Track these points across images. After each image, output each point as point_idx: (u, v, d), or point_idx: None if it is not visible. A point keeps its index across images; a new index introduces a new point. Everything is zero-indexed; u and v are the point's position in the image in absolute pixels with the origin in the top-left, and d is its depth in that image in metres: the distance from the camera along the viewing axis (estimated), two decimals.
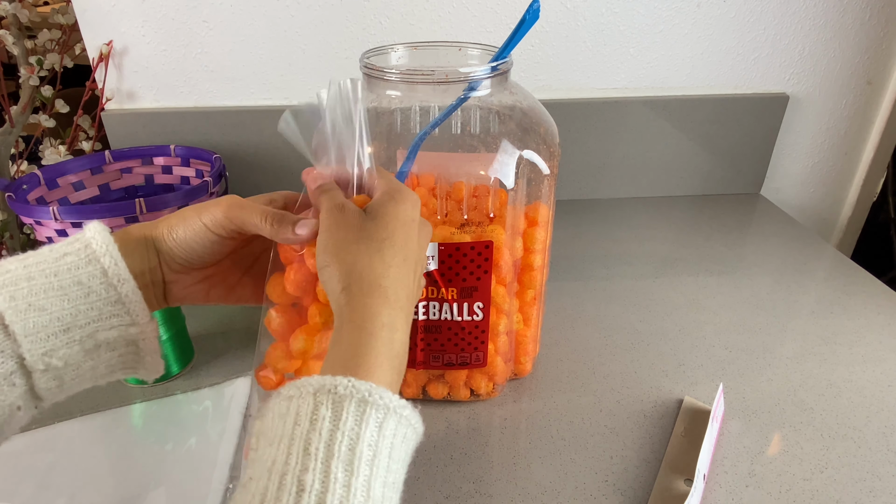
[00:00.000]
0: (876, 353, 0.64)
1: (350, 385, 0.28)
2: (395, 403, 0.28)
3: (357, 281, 0.32)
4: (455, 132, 0.49)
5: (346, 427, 0.27)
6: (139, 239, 0.36)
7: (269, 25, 0.85)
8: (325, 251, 0.34)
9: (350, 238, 0.34)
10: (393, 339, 0.32)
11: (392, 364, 0.31)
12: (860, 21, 0.89)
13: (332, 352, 0.31)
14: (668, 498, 0.48)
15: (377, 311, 0.32)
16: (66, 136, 0.97)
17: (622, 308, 0.72)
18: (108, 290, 0.33)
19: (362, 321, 0.31)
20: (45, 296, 0.32)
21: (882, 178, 1.02)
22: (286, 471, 0.25)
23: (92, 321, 0.33)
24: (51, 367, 0.32)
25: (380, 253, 0.33)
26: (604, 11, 0.86)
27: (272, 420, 0.28)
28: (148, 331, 0.35)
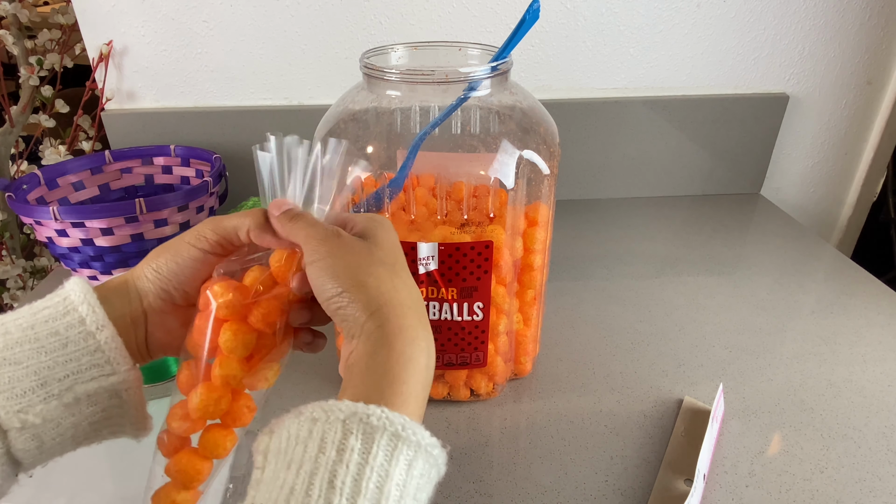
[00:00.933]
0: (876, 353, 0.64)
1: (384, 416, 0.26)
2: (426, 441, 0.27)
3: (389, 304, 0.31)
4: (455, 132, 0.49)
5: (376, 462, 0.25)
6: (119, 284, 0.35)
7: (269, 25, 0.85)
8: (332, 277, 0.31)
9: (363, 262, 0.32)
10: (429, 366, 0.31)
11: (424, 395, 0.30)
12: (860, 21, 0.89)
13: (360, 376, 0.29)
14: (668, 498, 0.48)
15: (416, 335, 0.30)
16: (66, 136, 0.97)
17: (622, 308, 0.72)
18: (87, 339, 0.31)
19: (402, 346, 0.30)
20: (21, 349, 0.30)
21: (882, 178, 1.02)
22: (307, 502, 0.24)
23: (70, 373, 0.31)
24: (27, 425, 0.29)
25: (398, 276, 0.32)
26: (604, 11, 0.86)
27: (289, 441, 0.26)
28: (130, 380, 0.33)
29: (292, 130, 0.99)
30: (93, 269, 0.73)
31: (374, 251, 0.33)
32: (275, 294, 0.34)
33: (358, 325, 0.31)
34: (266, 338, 0.34)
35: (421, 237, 0.49)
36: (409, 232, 0.49)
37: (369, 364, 0.29)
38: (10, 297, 1.06)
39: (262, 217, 0.35)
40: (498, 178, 0.47)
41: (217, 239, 0.35)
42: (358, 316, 0.31)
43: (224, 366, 0.34)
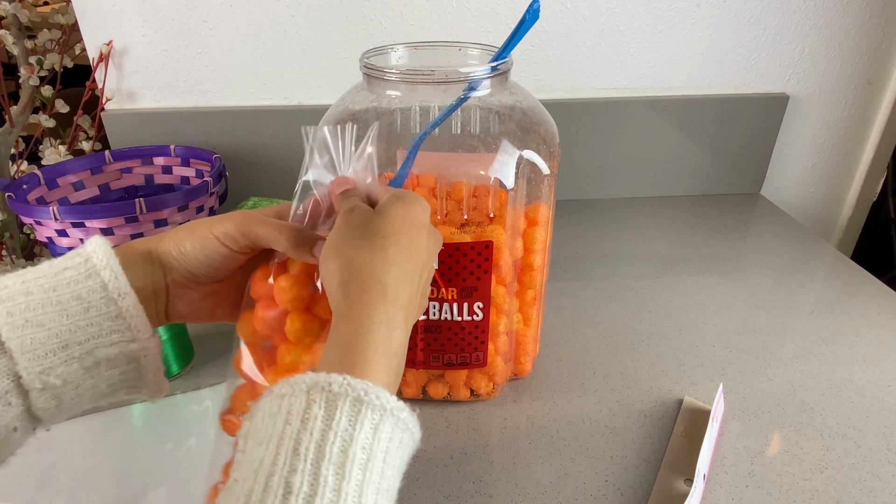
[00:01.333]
0: (876, 353, 0.64)
1: (345, 383, 0.26)
2: (392, 405, 0.27)
3: (356, 276, 0.31)
4: (455, 132, 0.49)
5: (339, 427, 0.25)
6: (142, 252, 0.35)
7: (269, 25, 0.85)
8: (328, 246, 0.33)
9: (354, 235, 0.33)
10: (391, 337, 0.31)
11: (390, 364, 0.30)
12: (860, 21, 0.89)
13: (328, 350, 0.30)
14: (668, 498, 0.48)
15: (374, 308, 0.31)
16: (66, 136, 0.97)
17: (622, 308, 0.72)
18: (108, 305, 0.32)
19: (359, 317, 0.30)
20: (43, 311, 0.30)
21: (882, 178, 1.02)
22: (273, 472, 0.24)
23: (91, 337, 0.32)
24: (48, 386, 0.30)
25: (383, 250, 0.32)
26: (604, 11, 0.86)
27: (262, 420, 0.27)
28: (150, 347, 0.34)
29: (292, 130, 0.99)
30: None
31: (371, 224, 0.33)
32: None
33: (330, 294, 0.32)
34: (328, 324, 0.36)
35: None
36: None
37: (332, 337, 0.30)
38: None
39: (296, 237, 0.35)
40: (498, 178, 0.47)
41: (247, 243, 0.36)
42: (330, 286, 0.32)
43: (292, 353, 0.35)
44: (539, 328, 0.60)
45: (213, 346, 0.66)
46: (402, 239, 0.34)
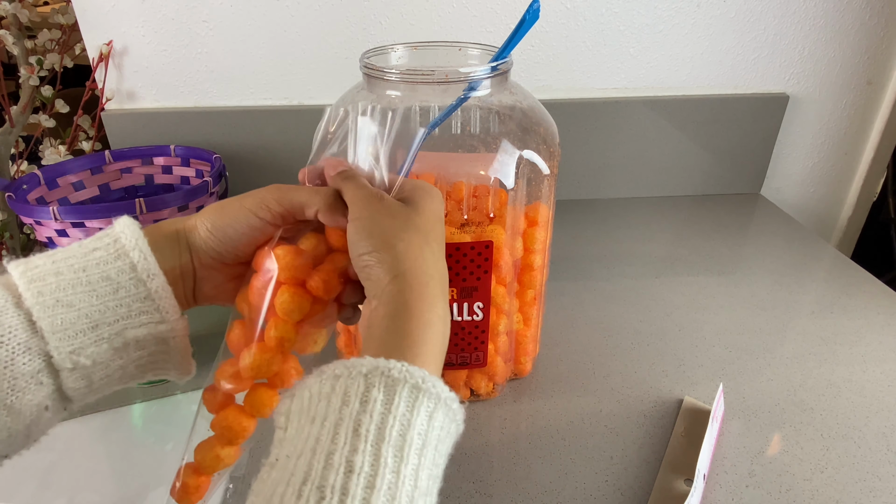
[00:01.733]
0: (876, 353, 0.64)
1: (404, 370, 0.27)
2: (445, 394, 0.28)
3: (412, 270, 0.31)
4: (455, 132, 0.49)
5: (399, 412, 0.26)
6: (170, 233, 0.35)
7: (269, 25, 0.85)
8: (367, 236, 0.32)
9: (398, 226, 0.33)
10: (445, 332, 0.32)
11: (440, 359, 0.31)
12: (860, 21, 0.89)
13: (381, 338, 0.30)
14: (668, 498, 0.48)
15: (434, 302, 0.31)
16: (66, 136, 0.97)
17: (622, 308, 0.72)
18: (138, 286, 0.32)
19: (420, 311, 0.30)
20: (73, 291, 0.30)
21: (882, 178, 1.01)
22: (333, 450, 0.24)
23: (121, 318, 0.32)
24: (79, 366, 0.31)
25: (429, 245, 0.33)
26: (604, 11, 0.86)
27: (311, 399, 0.27)
28: (178, 328, 0.34)
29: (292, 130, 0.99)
30: None
31: (412, 217, 0.34)
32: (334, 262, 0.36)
33: (380, 287, 0.31)
34: (319, 304, 0.35)
35: None
36: None
37: (389, 326, 0.30)
38: None
39: (333, 197, 0.35)
40: (498, 178, 0.47)
41: (281, 211, 0.35)
42: (381, 277, 0.31)
43: (279, 328, 0.35)
44: (539, 328, 0.60)
45: (214, 345, 0.66)
46: (437, 234, 0.35)
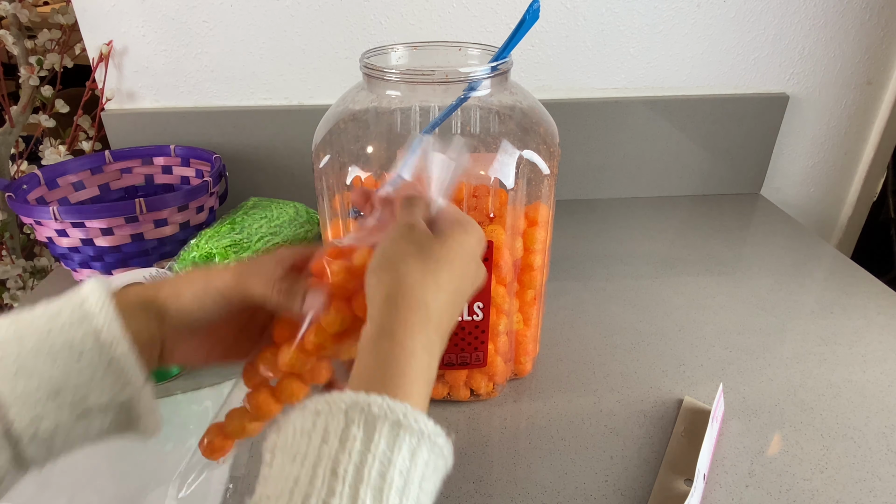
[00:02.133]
0: (876, 353, 0.64)
1: (385, 405, 0.26)
2: (430, 430, 0.27)
3: (404, 294, 0.31)
4: (455, 132, 0.49)
5: (378, 450, 0.25)
6: (140, 300, 0.34)
7: (269, 25, 0.85)
8: (380, 256, 0.33)
9: (410, 252, 0.33)
10: (430, 363, 0.31)
11: (426, 391, 0.30)
12: (860, 21, 0.89)
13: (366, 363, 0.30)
14: (668, 498, 0.48)
15: (419, 331, 0.30)
16: (66, 136, 0.97)
17: (622, 308, 0.72)
18: (101, 352, 0.31)
19: (402, 337, 0.30)
20: (35, 359, 0.30)
21: (882, 178, 1.01)
22: (310, 492, 0.24)
23: (83, 384, 0.31)
24: (39, 434, 0.30)
25: (435, 275, 0.32)
26: (604, 11, 0.86)
27: (294, 436, 0.27)
28: (143, 393, 0.33)
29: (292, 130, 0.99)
30: (93, 269, 0.73)
31: (430, 245, 0.33)
32: None
33: (373, 306, 0.31)
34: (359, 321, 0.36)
35: None
36: None
37: (373, 350, 0.30)
38: (10, 297, 1.06)
39: (286, 290, 0.35)
40: (498, 178, 0.47)
41: (243, 299, 0.35)
42: (375, 297, 0.32)
43: (319, 336, 0.36)
44: (539, 328, 0.60)
45: None
46: (455, 266, 0.34)
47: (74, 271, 0.75)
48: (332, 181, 0.50)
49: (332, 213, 0.53)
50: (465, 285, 0.35)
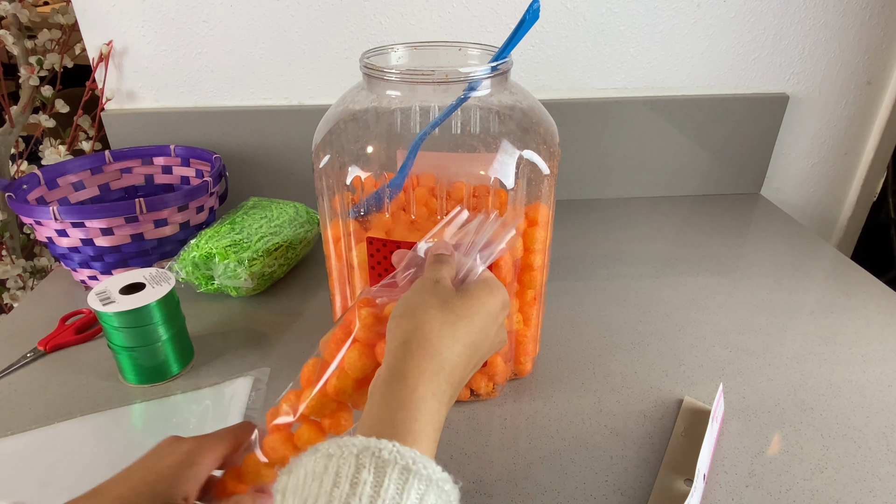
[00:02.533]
0: (876, 353, 0.64)
1: (395, 450, 0.27)
2: (438, 476, 0.27)
3: (420, 341, 0.32)
4: (455, 132, 0.49)
5: (388, 495, 0.25)
6: None
7: (269, 25, 0.85)
8: (402, 304, 0.35)
9: (432, 303, 0.34)
10: (440, 411, 0.31)
11: (435, 435, 0.30)
12: (860, 21, 0.89)
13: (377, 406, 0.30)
14: (668, 498, 0.48)
15: (431, 379, 0.31)
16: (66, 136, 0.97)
17: (622, 308, 0.72)
18: None
19: (414, 383, 0.31)
20: None
21: (882, 178, 1.02)
22: None
23: None
24: None
25: (453, 326, 0.34)
26: (604, 11, 0.86)
27: (305, 478, 0.27)
28: None
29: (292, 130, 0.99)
30: (93, 269, 0.73)
31: (453, 300, 0.35)
32: None
33: (389, 351, 0.33)
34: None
35: (421, 237, 0.49)
36: (409, 232, 0.49)
37: (385, 393, 0.31)
38: (10, 297, 1.06)
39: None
40: (498, 178, 0.47)
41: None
42: (392, 342, 0.33)
43: (341, 380, 0.37)
44: (539, 328, 0.60)
45: (214, 346, 0.66)
46: (475, 322, 0.35)
47: (74, 271, 0.75)
48: (332, 181, 0.50)
49: (332, 213, 0.53)
50: (483, 343, 0.36)
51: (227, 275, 0.70)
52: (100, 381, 0.61)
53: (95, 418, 0.56)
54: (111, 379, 0.61)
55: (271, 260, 0.73)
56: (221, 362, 0.64)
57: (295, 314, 0.72)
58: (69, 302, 0.74)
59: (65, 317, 0.69)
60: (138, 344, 0.58)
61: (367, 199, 0.49)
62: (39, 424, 0.55)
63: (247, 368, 0.62)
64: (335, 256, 0.55)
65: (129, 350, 0.58)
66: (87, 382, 0.61)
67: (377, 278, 0.51)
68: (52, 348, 0.65)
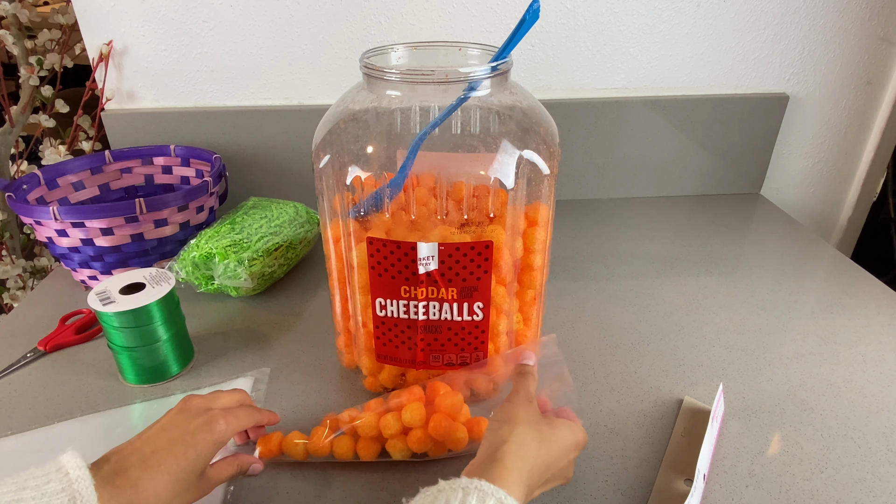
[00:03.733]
0: (876, 353, 0.64)
1: (492, 487, 0.35)
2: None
3: (517, 442, 0.40)
4: (455, 132, 0.49)
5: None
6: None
7: (269, 25, 0.85)
8: (507, 412, 0.43)
9: (529, 420, 0.42)
10: (520, 491, 0.38)
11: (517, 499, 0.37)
12: (860, 21, 0.89)
13: (476, 468, 0.39)
14: (668, 498, 0.48)
15: (520, 468, 0.39)
16: (66, 136, 0.97)
17: (622, 308, 0.72)
18: None
19: (509, 467, 0.38)
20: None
21: (882, 178, 1.02)
22: None
23: None
24: None
25: (539, 446, 0.41)
26: (604, 11, 0.86)
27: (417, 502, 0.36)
28: None
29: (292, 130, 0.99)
30: (93, 269, 0.73)
31: (542, 424, 0.43)
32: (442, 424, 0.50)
33: (491, 443, 0.41)
34: (424, 439, 0.50)
35: (421, 237, 0.49)
36: (409, 232, 0.49)
37: (482, 472, 0.38)
38: (10, 297, 1.06)
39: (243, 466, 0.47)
40: (498, 178, 0.47)
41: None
42: (494, 437, 0.41)
43: (393, 417, 0.51)
44: (539, 328, 0.60)
45: (213, 345, 0.66)
46: (553, 448, 0.42)
47: (74, 271, 0.75)
48: (332, 181, 0.50)
49: (332, 213, 0.53)
50: (555, 467, 0.43)
51: (227, 275, 0.70)
52: (100, 381, 0.61)
53: (95, 418, 0.56)
54: (111, 379, 0.61)
55: (271, 260, 0.73)
56: (221, 362, 0.64)
57: (295, 314, 0.72)
58: (69, 302, 0.74)
59: (65, 317, 0.69)
60: (138, 344, 0.58)
61: (367, 199, 0.49)
62: (39, 424, 0.55)
63: (247, 368, 0.62)
64: (335, 256, 0.55)
65: (129, 350, 0.58)
66: (87, 382, 0.61)
67: (377, 278, 0.51)
68: (52, 348, 0.65)
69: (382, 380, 0.58)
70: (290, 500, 0.48)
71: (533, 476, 0.40)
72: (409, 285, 0.50)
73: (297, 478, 0.50)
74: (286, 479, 0.50)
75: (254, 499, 0.48)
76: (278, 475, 0.50)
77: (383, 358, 0.56)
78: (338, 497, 0.48)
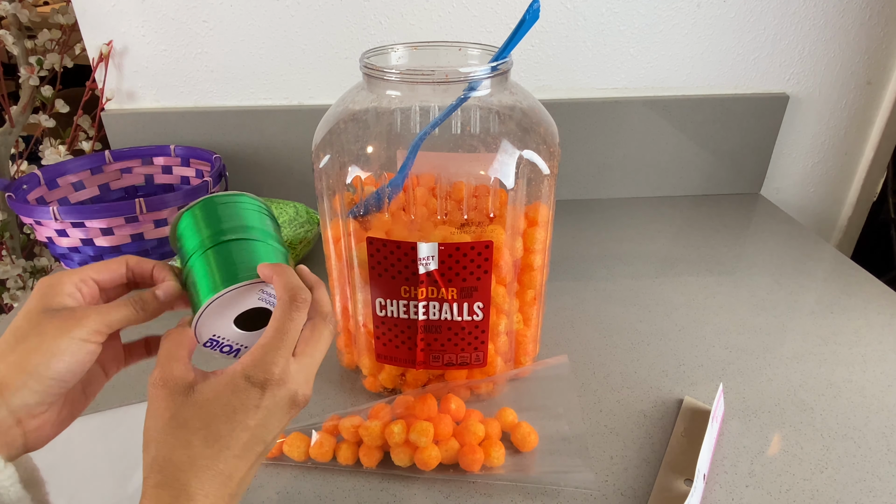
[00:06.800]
0: (876, 353, 0.64)
1: None
2: None
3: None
4: (455, 132, 0.49)
5: None
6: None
7: (269, 25, 0.85)
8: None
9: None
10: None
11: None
12: (860, 21, 0.89)
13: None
14: (668, 498, 0.48)
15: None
16: (66, 136, 0.97)
17: (622, 308, 0.72)
18: None
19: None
20: None
21: (882, 178, 1.02)
22: None
23: None
24: None
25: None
26: (604, 11, 0.86)
27: None
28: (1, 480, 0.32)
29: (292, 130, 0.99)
30: None
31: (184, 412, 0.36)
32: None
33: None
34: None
35: (421, 237, 0.49)
36: (409, 232, 0.49)
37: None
38: (10, 297, 1.06)
39: (142, 304, 0.38)
40: (498, 178, 0.47)
41: (107, 333, 0.35)
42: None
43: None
44: (539, 328, 0.60)
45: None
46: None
47: None
48: (332, 181, 0.50)
49: (332, 213, 0.53)
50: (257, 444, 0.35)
51: None
52: None
53: (95, 418, 0.56)
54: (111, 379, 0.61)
55: None
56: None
57: None
58: None
59: None
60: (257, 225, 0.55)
61: (366, 199, 0.49)
62: None
63: None
64: (335, 256, 0.55)
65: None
66: None
67: (377, 278, 0.51)
68: None
69: (382, 380, 0.58)
70: (290, 499, 0.48)
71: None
72: (409, 285, 0.50)
73: (297, 478, 0.50)
74: (286, 479, 0.50)
75: (254, 499, 0.48)
76: (278, 475, 0.50)
77: (383, 358, 0.56)
78: (338, 497, 0.48)
